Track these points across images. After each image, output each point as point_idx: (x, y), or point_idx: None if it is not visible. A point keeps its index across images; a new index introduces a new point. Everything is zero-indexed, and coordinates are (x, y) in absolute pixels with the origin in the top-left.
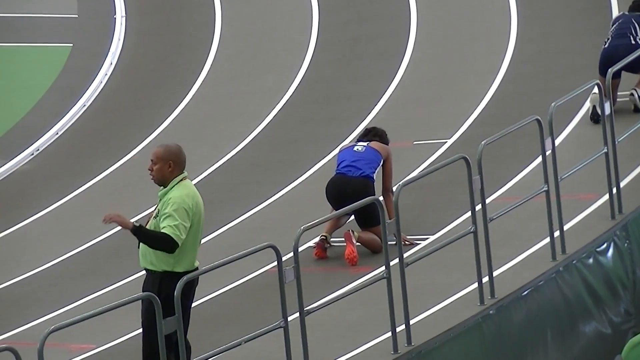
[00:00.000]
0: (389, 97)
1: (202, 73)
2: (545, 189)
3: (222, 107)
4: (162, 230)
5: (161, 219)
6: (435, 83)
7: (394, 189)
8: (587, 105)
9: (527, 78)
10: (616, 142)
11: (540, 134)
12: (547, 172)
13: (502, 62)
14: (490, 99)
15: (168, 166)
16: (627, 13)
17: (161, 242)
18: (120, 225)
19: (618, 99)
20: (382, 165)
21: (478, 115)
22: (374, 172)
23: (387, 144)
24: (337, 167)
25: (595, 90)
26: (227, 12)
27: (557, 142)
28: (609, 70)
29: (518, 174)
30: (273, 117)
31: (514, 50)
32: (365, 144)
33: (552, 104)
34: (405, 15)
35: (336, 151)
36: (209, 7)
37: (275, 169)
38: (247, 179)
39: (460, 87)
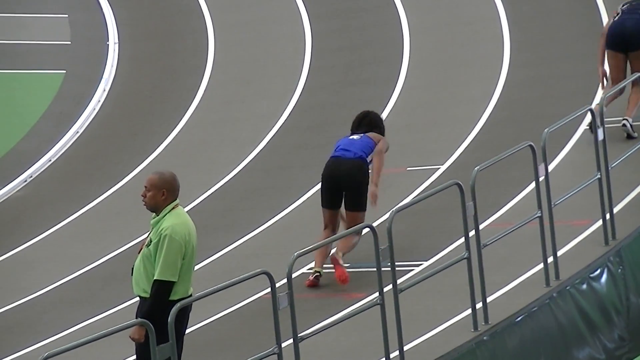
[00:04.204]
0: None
1: (195, 99)
2: (539, 214)
3: (215, 133)
4: (155, 278)
5: (155, 260)
6: (429, 109)
7: (387, 215)
8: (581, 130)
9: (521, 103)
10: (609, 168)
11: (534, 159)
12: (540, 198)
13: (495, 88)
14: (484, 124)
15: (162, 194)
16: None
17: (162, 296)
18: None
19: (610, 125)
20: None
21: (471, 141)
22: (368, 156)
23: (382, 129)
24: (333, 152)
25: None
26: (220, 38)
27: (551, 167)
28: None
29: (512, 199)
30: (267, 143)
31: (507, 76)
32: (362, 134)
33: (545, 130)
34: (398, 41)
35: None
36: (202, 33)
37: (269, 195)
38: (241, 205)
39: (453, 113)
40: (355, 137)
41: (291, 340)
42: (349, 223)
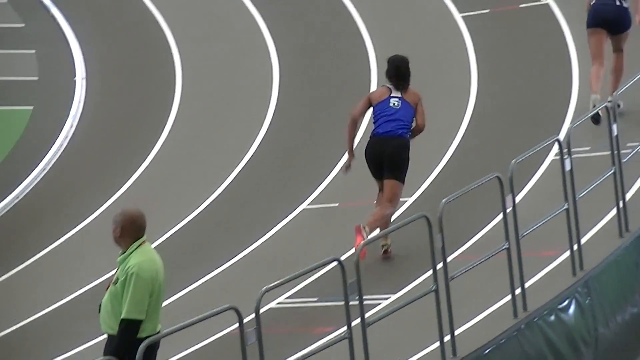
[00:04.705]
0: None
1: (163, 133)
2: (507, 246)
3: (183, 168)
4: (122, 317)
5: (122, 298)
6: None
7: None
8: (549, 160)
9: (489, 133)
10: (577, 198)
11: (501, 191)
12: (508, 230)
13: (463, 118)
14: (452, 155)
15: (122, 230)
16: None
17: (129, 334)
18: None
19: (577, 155)
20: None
21: (439, 173)
22: (409, 131)
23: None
24: (375, 123)
25: (594, 96)
26: (188, 72)
27: (519, 197)
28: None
29: (480, 231)
30: (234, 177)
31: (474, 106)
32: (399, 96)
33: (513, 161)
34: (365, 74)
35: (298, 210)
36: (169, 67)
37: (237, 230)
38: (209, 240)
39: (421, 144)
40: (394, 102)
41: None
42: (387, 192)
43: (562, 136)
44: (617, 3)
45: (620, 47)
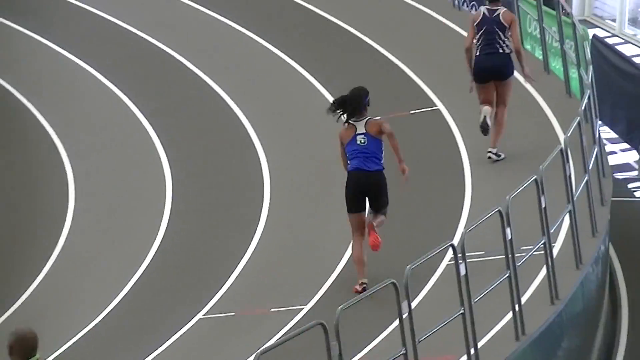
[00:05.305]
0: (241, 270)
1: (57, 246)
2: (403, 352)
3: (78, 281)
4: None
5: None
6: (291, 249)
7: (252, 358)
8: (444, 265)
9: (383, 240)
10: (473, 303)
11: (397, 297)
12: (404, 335)
13: None
14: (344, 265)
15: (15, 351)
16: (487, 14)
17: None
18: None
19: (472, 260)
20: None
21: (335, 279)
22: (381, 156)
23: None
24: (351, 161)
25: (485, 109)
26: (81, 185)
27: (415, 303)
28: None
29: (376, 337)
30: (129, 289)
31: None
32: (363, 132)
33: (407, 267)
34: (259, 179)
35: (195, 320)
36: (62, 184)
37: (133, 342)
38: (103, 354)
39: (312, 253)
40: (361, 139)
41: None
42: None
43: (456, 241)
44: (500, 51)
45: (505, 100)
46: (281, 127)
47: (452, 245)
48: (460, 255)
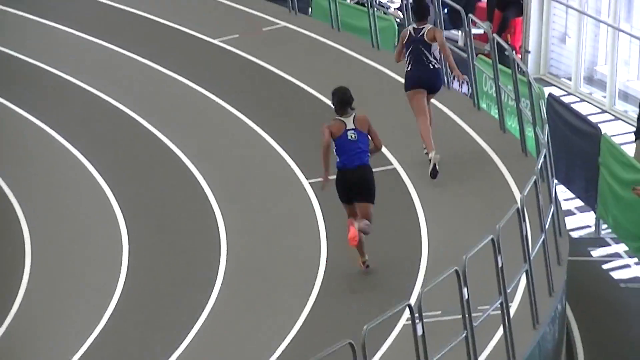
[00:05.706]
0: (198, 329)
1: (10, 313)
2: None
3: (33, 345)
4: None
5: None
6: (248, 315)
7: None
8: (400, 325)
9: (339, 301)
10: None
11: (354, 357)
12: None
13: (311, 293)
14: (303, 324)
15: None
16: (412, 33)
17: None
18: None
19: (429, 320)
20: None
21: (292, 341)
22: (369, 150)
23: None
24: (340, 156)
25: (432, 154)
26: (37, 248)
27: None
28: None
29: None
30: (84, 352)
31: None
32: (353, 128)
33: (365, 327)
34: (215, 241)
35: None
36: (19, 244)
37: None
38: None
39: (264, 320)
40: (351, 135)
41: None
42: (364, 213)
43: (413, 301)
44: (431, 67)
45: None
46: (237, 184)
47: (409, 305)
48: (417, 315)
